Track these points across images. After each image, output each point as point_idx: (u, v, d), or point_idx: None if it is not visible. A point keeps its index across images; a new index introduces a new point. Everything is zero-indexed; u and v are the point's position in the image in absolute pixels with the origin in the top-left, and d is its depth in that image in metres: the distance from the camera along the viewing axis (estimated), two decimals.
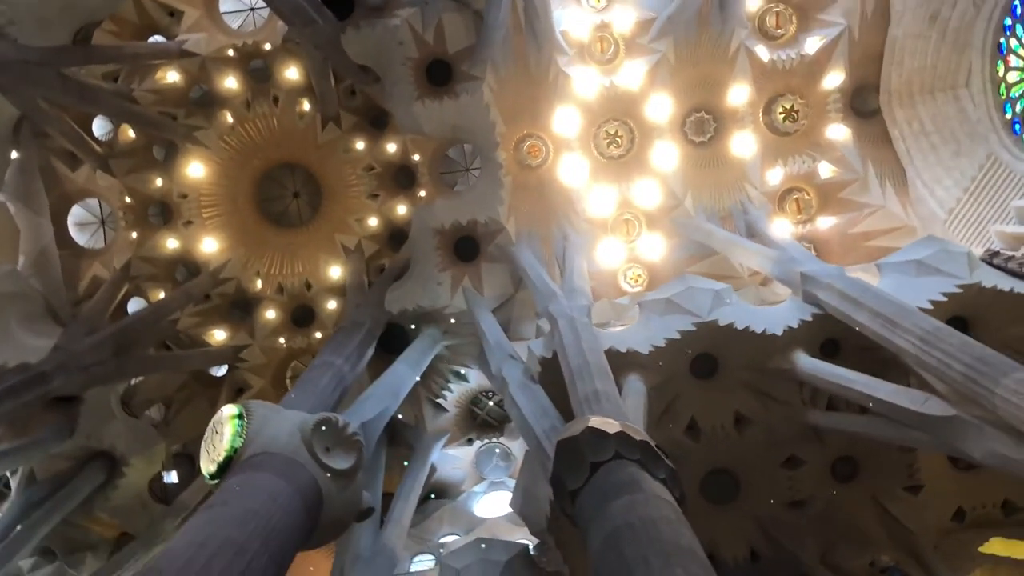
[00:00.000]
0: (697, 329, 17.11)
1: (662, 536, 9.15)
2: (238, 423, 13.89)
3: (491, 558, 18.44)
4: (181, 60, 27.06)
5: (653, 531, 9.24)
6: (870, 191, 23.60)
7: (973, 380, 11.89)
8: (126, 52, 26.32)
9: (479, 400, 26.84)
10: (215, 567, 9.83)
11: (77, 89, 24.11)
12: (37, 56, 21.82)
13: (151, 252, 29.09)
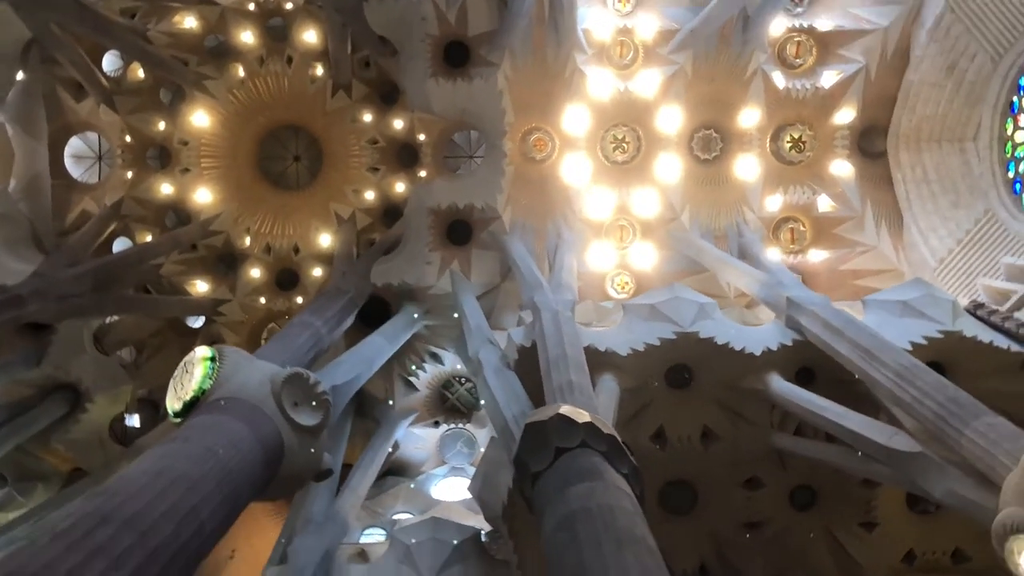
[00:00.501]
0: (677, 338, 17.13)
1: (617, 523, 9.15)
2: (210, 365, 13.84)
3: (443, 538, 18.43)
4: (200, 6, 26.93)
5: (609, 517, 9.23)
6: (865, 230, 23.77)
7: (943, 419, 11.96)
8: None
9: (451, 384, 26.80)
10: (168, 498, 9.78)
11: (92, 18, 23.91)
12: None
13: (144, 194, 28.87)
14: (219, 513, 10.72)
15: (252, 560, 28.67)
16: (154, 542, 9.05)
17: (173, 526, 9.52)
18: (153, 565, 8.90)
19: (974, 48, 21.26)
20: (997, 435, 11.12)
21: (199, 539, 10.04)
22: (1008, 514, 9.77)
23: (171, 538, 9.39)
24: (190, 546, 9.77)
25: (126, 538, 8.74)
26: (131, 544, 8.74)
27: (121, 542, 8.65)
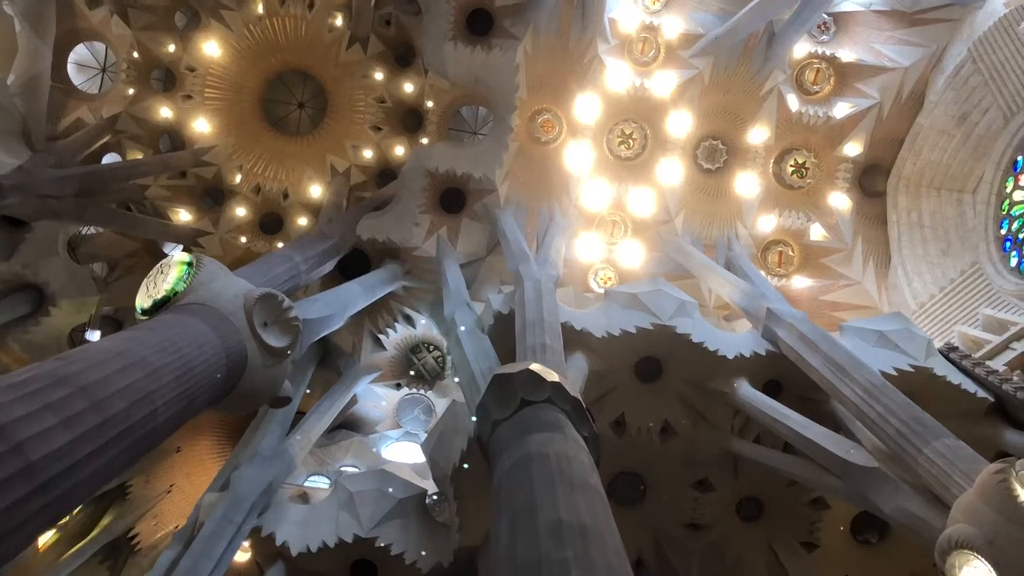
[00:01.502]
0: (654, 330, 17.08)
1: (573, 470, 9.10)
2: (186, 269, 13.68)
3: (387, 491, 18.29)
4: None
5: (565, 464, 9.18)
6: (852, 264, 23.93)
7: (905, 437, 11.99)
8: None
9: (419, 350, 26.64)
10: (125, 376, 9.64)
11: None
12: None
13: (142, 113, 28.55)
14: (174, 405, 10.57)
15: (192, 495, 28.43)
16: (106, 413, 8.91)
17: (127, 404, 9.38)
18: (101, 435, 8.74)
19: (988, 101, 21.49)
20: (955, 456, 11.17)
21: (151, 423, 9.91)
22: (956, 530, 9.80)
23: (123, 414, 9.25)
24: (141, 428, 9.63)
25: (78, 403, 8.59)
26: (83, 410, 8.59)
27: (73, 405, 8.50)
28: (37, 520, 7.70)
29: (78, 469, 8.28)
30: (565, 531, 7.40)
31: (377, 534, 17.52)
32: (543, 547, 7.19)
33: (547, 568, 6.82)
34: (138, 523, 29.39)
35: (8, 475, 7.20)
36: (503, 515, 8.56)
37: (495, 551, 8.22)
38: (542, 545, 7.24)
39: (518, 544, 7.57)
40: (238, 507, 16.35)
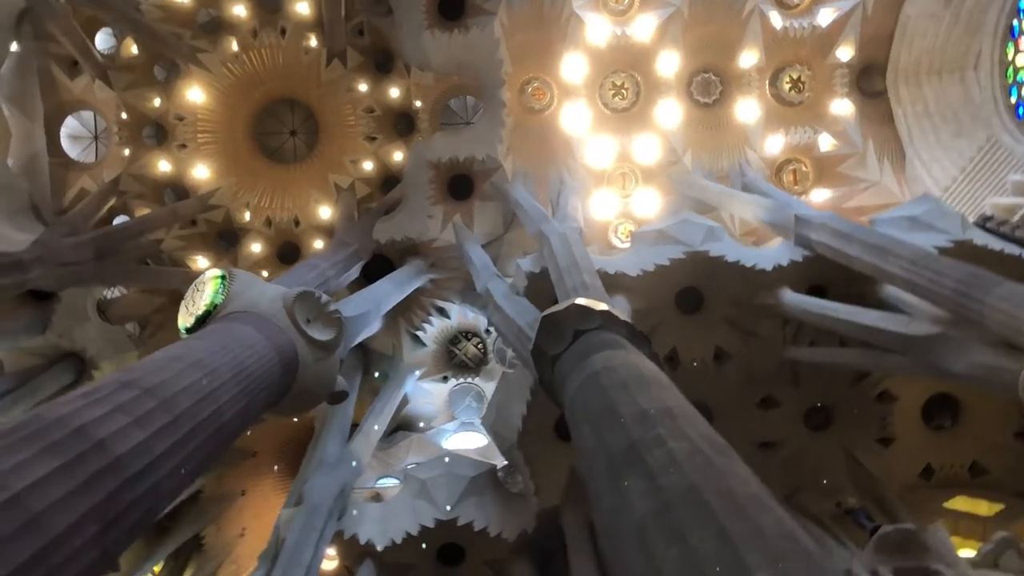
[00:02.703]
0: (687, 258, 17.04)
1: (643, 372, 9.07)
2: (220, 282, 13.77)
3: (457, 472, 18.31)
4: None
5: (633, 369, 9.16)
6: (867, 167, 23.70)
7: (963, 293, 11.87)
8: None
9: (457, 340, 26.68)
10: (187, 376, 9.69)
11: None
12: None
13: (141, 171, 28.82)
14: (237, 402, 10.61)
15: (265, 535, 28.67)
16: (175, 411, 8.94)
17: (193, 401, 9.43)
18: (175, 431, 8.78)
19: None
20: (1018, 299, 11.04)
21: (219, 420, 9.94)
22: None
23: (191, 411, 9.29)
24: (210, 424, 9.66)
25: (148, 402, 8.64)
26: (153, 408, 8.63)
27: (144, 404, 8.54)
28: (130, 515, 7.72)
29: (159, 465, 8.31)
30: (651, 416, 7.35)
31: (457, 514, 17.54)
32: (633, 433, 7.14)
33: (642, 447, 6.76)
34: (219, 571, 29.66)
35: (97, 469, 7.25)
36: (584, 424, 8.53)
37: (584, 461, 8.18)
38: (631, 432, 7.19)
39: (606, 439, 7.52)
40: (316, 514, 16.41)
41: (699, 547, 4.95)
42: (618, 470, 6.72)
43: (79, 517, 6.79)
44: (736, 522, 5.06)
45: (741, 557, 4.61)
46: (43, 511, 6.43)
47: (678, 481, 5.88)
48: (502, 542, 17.55)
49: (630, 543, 5.69)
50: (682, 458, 6.22)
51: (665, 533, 5.36)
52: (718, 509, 5.27)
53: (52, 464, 6.83)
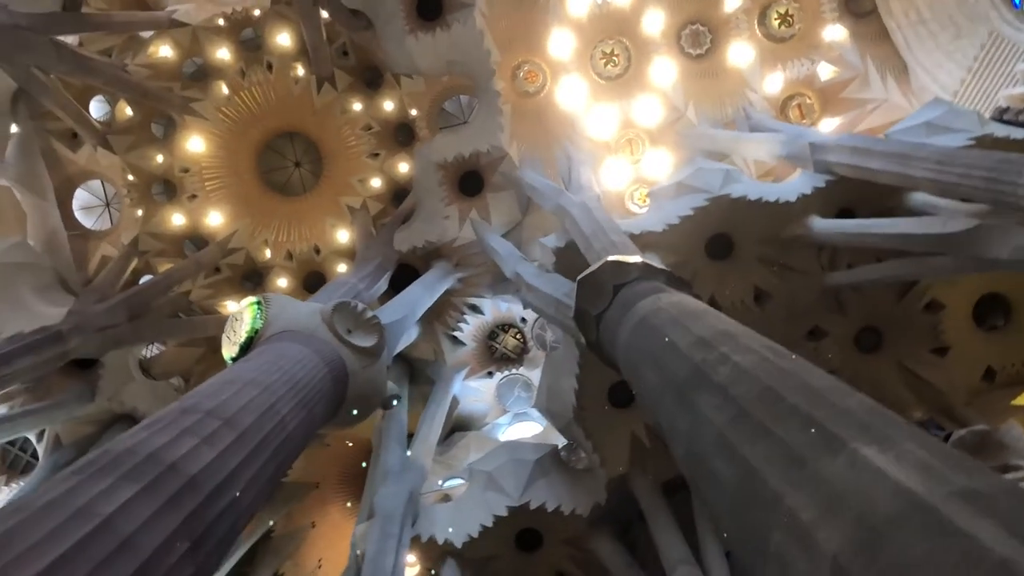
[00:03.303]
0: (710, 204, 16.91)
1: (691, 308, 8.98)
2: (257, 308, 13.85)
3: (521, 457, 18.30)
4: (172, 31, 27.08)
5: (681, 306, 9.07)
6: (871, 86, 23.40)
7: (995, 180, 11.65)
8: (116, 20, 26.28)
9: (495, 334, 26.70)
10: (245, 395, 9.77)
11: (72, 57, 24.12)
12: (27, 22, 21.79)
13: (158, 228, 29.12)
14: (297, 414, 10.68)
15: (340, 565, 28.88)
16: (240, 427, 9.02)
17: (255, 417, 9.49)
18: (242, 447, 8.85)
19: None
20: None
21: (283, 432, 10.00)
22: None
23: (255, 428, 9.36)
24: (275, 437, 9.72)
25: (212, 423, 8.72)
26: (218, 428, 8.71)
27: (208, 426, 8.62)
28: (216, 531, 7.78)
29: (234, 480, 8.37)
30: (709, 340, 7.28)
31: (528, 498, 17.52)
32: (695, 357, 7.08)
33: (707, 367, 6.70)
34: None
35: (176, 490, 7.31)
36: (642, 365, 8.49)
37: (650, 400, 8.14)
38: (693, 357, 7.13)
39: (670, 370, 7.47)
40: (390, 522, 16.43)
41: (786, 436, 4.91)
42: (687, 394, 6.69)
43: (168, 536, 6.85)
44: (820, 409, 5.01)
45: (833, 434, 4.57)
46: (133, 533, 6.50)
47: (751, 387, 5.83)
48: (577, 519, 17.51)
49: (713, 453, 5.65)
50: (750, 367, 6.16)
51: (748, 434, 5.33)
52: (798, 402, 5.22)
53: (132, 489, 6.91)
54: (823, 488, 4.21)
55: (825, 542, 3.86)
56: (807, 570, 3.91)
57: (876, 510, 3.73)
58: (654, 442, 17.49)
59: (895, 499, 3.72)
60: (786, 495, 4.42)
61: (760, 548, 4.52)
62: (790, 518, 4.26)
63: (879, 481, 3.90)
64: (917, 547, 3.35)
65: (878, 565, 3.47)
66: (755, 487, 4.82)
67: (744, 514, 4.91)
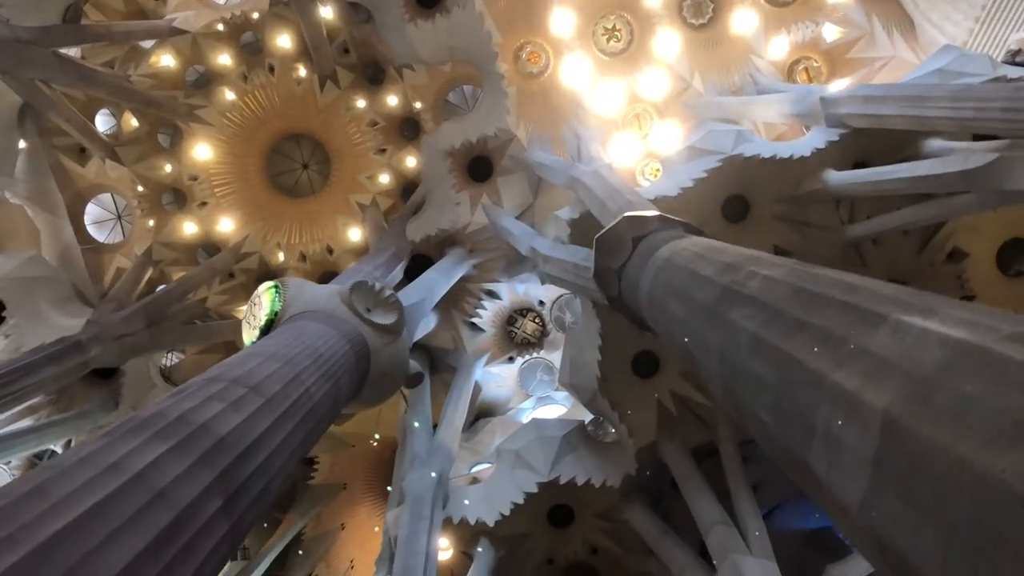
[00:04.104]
0: (723, 165, 16.71)
1: (714, 244, 8.84)
2: (275, 292, 13.79)
3: (548, 435, 18.16)
4: (173, 39, 27.13)
5: (705, 244, 8.94)
6: (878, 44, 23.12)
7: (1015, 110, 11.46)
8: (117, 31, 26.36)
9: (514, 319, 26.58)
10: (269, 366, 9.72)
11: (75, 70, 24.21)
12: (29, 35, 21.89)
13: (170, 237, 29.23)
14: (323, 386, 10.60)
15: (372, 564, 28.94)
16: (265, 395, 8.96)
17: (281, 387, 9.43)
18: (270, 413, 8.78)
19: None
20: None
21: (310, 402, 9.93)
22: None
23: (281, 396, 9.30)
24: (303, 405, 9.66)
25: (238, 390, 8.66)
26: (244, 394, 8.64)
27: (234, 392, 8.57)
28: (249, 490, 7.69)
29: (263, 443, 8.29)
30: (736, 263, 7.14)
31: (557, 473, 17.39)
32: (723, 279, 6.96)
33: (736, 285, 6.57)
34: None
35: (207, 448, 7.24)
36: (669, 300, 8.36)
37: (679, 331, 8.00)
38: (721, 279, 7.01)
39: (698, 297, 7.35)
40: (421, 504, 16.34)
41: (824, 323, 4.76)
42: (718, 312, 6.58)
43: (201, 492, 6.78)
44: (855, 295, 4.85)
45: (873, 312, 4.42)
46: (166, 487, 6.43)
47: (783, 292, 5.69)
48: (608, 491, 17.36)
49: (749, 356, 5.52)
50: (780, 277, 6.03)
51: (783, 331, 5.19)
52: (833, 293, 5.07)
53: (164, 446, 6.85)
54: (866, 359, 4.06)
55: (873, 401, 3.72)
56: (857, 432, 3.77)
57: (924, 363, 3.59)
58: (681, 409, 17.32)
59: (943, 350, 3.57)
60: (829, 372, 4.27)
61: (807, 431, 4.38)
62: (835, 390, 4.12)
63: (925, 340, 3.76)
64: (973, 385, 3.21)
65: (933, 409, 3.32)
66: (796, 375, 4.69)
67: (787, 404, 4.77)
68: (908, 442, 3.36)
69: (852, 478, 3.76)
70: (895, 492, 3.41)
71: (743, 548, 13.36)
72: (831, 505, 4.19)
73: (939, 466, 3.11)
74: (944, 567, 2.97)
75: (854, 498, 3.71)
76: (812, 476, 4.36)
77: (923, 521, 3.15)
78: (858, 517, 3.68)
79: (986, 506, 2.80)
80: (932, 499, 3.11)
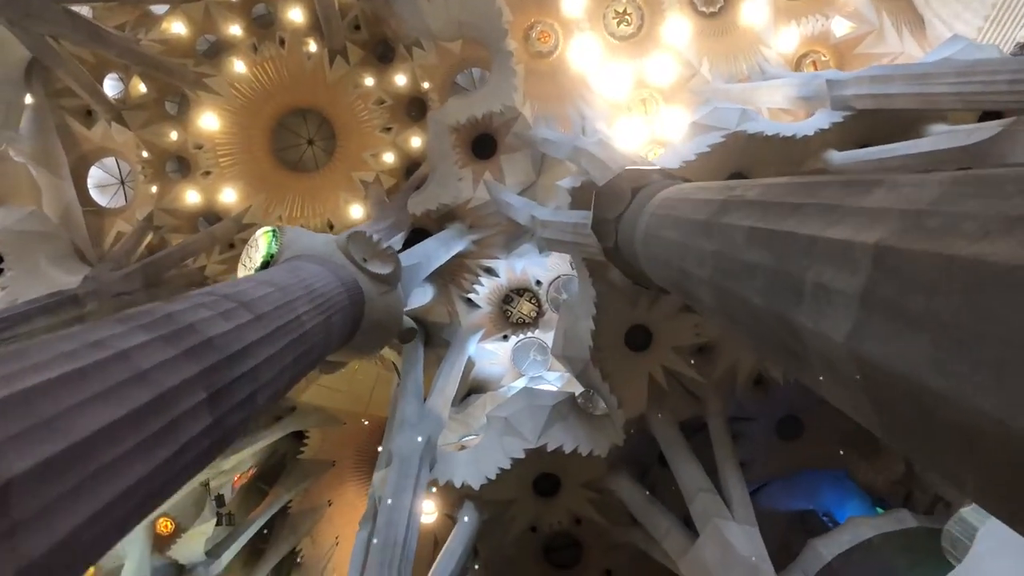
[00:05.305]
0: (727, 140, 16.70)
1: (711, 184, 8.82)
2: (272, 235, 13.79)
3: (538, 403, 18.13)
4: (185, 6, 27.13)
5: (702, 184, 8.91)
6: (887, 40, 23.14)
7: (1020, 80, 11.46)
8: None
9: (510, 299, 26.57)
10: (262, 289, 9.71)
11: (86, 27, 24.16)
12: None
13: (172, 204, 29.19)
14: (315, 317, 10.59)
15: None
16: (256, 311, 8.94)
17: (272, 308, 9.42)
18: (260, 328, 8.77)
19: None
20: None
21: (301, 328, 9.92)
22: None
23: (273, 315, 9.30)
24: (292, 330, 9.64)
25: (229, 304, 8.64)
26: (234, 308, 8.63)
27: (225, 305, 8.55)
28: (234, 392, 7.66)
29: (252, 352, 8.28)
30: (732, 185, 7.12)
31: (545, 440, 17.35)
32: (719, 197, 6.93)
33: (731, 200, 6.54)
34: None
35: (194, 344, 7.22)
36: (663, 229, 8.33)
37: (668, 252, 7.97)
38: (717, 197, 6.98)
39: (692, 216, 7.32)
40: (408, 465, 16.30)
41: (818, 201, 4.74)
42: (715, 222, 6.56)
43: (184, 380, 6.76)
44: (850, 178, 4.83)
45: (867, 181, 4.39)
46: (150, 369, 6.42)
47: (779, 192, 5.67)
48: (595, 460, 17.32)
49: (745, 249, 5.49)
50: (776, 183, 6.01)
51: (778, 217, 5.17)
52: (828, 181, 5.04)
53: (150, 335, 6.85)
54: (860, 214, 4.04)
55: (865, 240, 3.69)
56: (847, 274, 3.74)
57: (921, 200, 3.57)
58: (672, 384, 17.30)
59: (942, 187, 3.56)
60: (821, 233, 4.25)
61: (797, 295, 4.35)
62: (827, 246, 4.10)
63: (923, 184, 3.74)
64: (969, 204, 3.19)
65: (925, 231, 3.30)
66: (788, 247, 4.67)
67: (779, 278, 4.75)
68: (898, 262, 3.34)
69: (840, 318, 3.74)
70: (883, 315, 3.38)
71: (727, 514, 13.33)
72: (817, 360, 4.16)
73: (929, 274, 3.09)
74: (931, 365, 2.93)
75: (840, 334, 3.68)
76: (800, 342, 4.33)
77: (910, 329, 3.12)
78: (842, 350, 3.65)
79: (975, 292, 2.77)
80: (921, 305, 3.09)
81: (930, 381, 2.89)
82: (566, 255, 21.27)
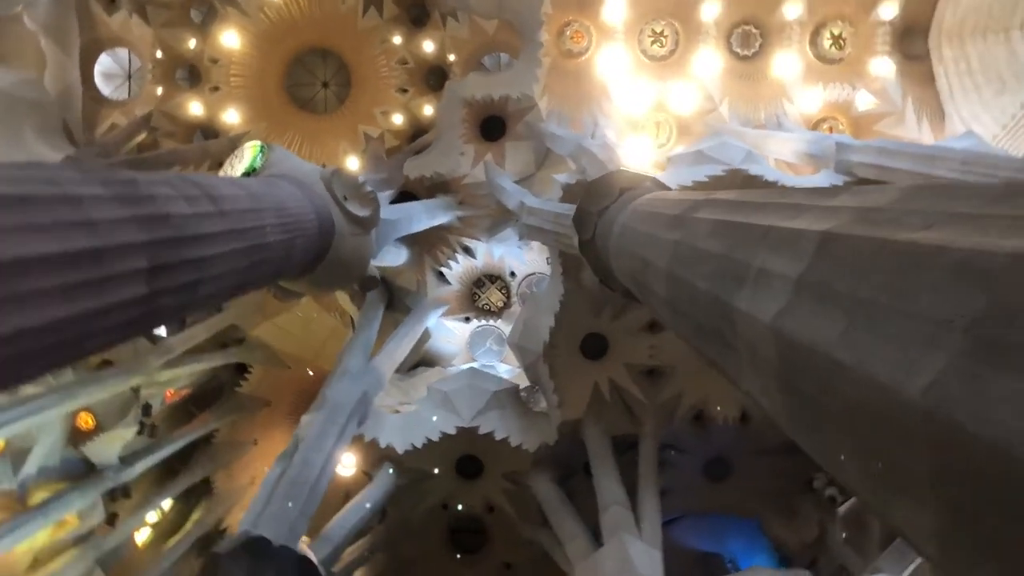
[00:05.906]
0: (726, 175, 16.78)
1: (693, 195, 8.84)
2: (259, 150, 13.67)
3: (480, 385, 18.10)
4: None
5: (684, 193, 8.93)
6: (906, 125, 23.35)
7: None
8: None
9: (482, 283, 26.54)
10: (231, 189, 9.58)
11: None
12: None
13: (174, 110, 28.92)
14: (278, 234, 10.49)
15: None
16: (220, 206, 8.83)
17: (238, 209, 9.33)
18: (220, 221, 8.68)
19: None
20: None
21: (261, 237, 9.82)
22: None
23: (237, 216, 9.22)
24: (253, 236, 9.56)
25: (194, 190, 8.51)
26: (199, 195, 8.51)
27: (190, 190, 8.43)
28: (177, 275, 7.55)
29: (201, 240, 8.16)
30: (714, 193, 7.15)
31: (479, 423, 17.32)
32: (697, 197, 6.94)
33: (704, 200, 6.56)
34: (227, 516, 29.57)
35: (148, 213, 7.12)
36: (636, 227, 8.33)
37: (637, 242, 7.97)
38: (691, 197, 6.99)
39: (665, 213, 7.33)
40: (337, 413, 16.16)
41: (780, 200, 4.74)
42: (682, 219, 6.57)
43: (130, 244, 6.68)
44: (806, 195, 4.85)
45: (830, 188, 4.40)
46: (98, 220, 6.35)
47: (754, 195, 5.68)
48: (522, 453, 17.30)
49: (707, 238, 5.50)
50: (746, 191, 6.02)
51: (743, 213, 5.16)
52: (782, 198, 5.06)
53: (107, 191, 6.73)
54: (819, 211, 4.04)
55: (815, 228, 3.70)
56: (789, 260, 3.75)
57: (879, 201, 3.58)
58: (615, 397, 17.33)
59: (900, 193, 3.56)
60: (778, 224, 4.26)
61: (739, 280, 4.35)
62: (779, 234, 4.10)
63: (883, 192, 3.75)
64: (922, 203, 3.20)
65: (873, 224, 3.30)
66: (742, 236, 4.68)
67: (727, 263, 4.75)
68: (838, 249, 3.35)
69: (772, 300, 3.74)
70: (812, 296, 3.39)
71: (635, 532, 13.34)
72: (742, 344, 4.16)
73: (862, 258, 3.10)
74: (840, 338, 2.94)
75: (769, 315, 3.68)
76: (731, 325, 4.33)
77: (831, 307, 3.12)
78: (767, 330, 3.65)
79: (898, 273, 2.78)
80: (847, 287, 3.09)
81: (836, 352, 2.89)
82: (545, 251, 21.27)
